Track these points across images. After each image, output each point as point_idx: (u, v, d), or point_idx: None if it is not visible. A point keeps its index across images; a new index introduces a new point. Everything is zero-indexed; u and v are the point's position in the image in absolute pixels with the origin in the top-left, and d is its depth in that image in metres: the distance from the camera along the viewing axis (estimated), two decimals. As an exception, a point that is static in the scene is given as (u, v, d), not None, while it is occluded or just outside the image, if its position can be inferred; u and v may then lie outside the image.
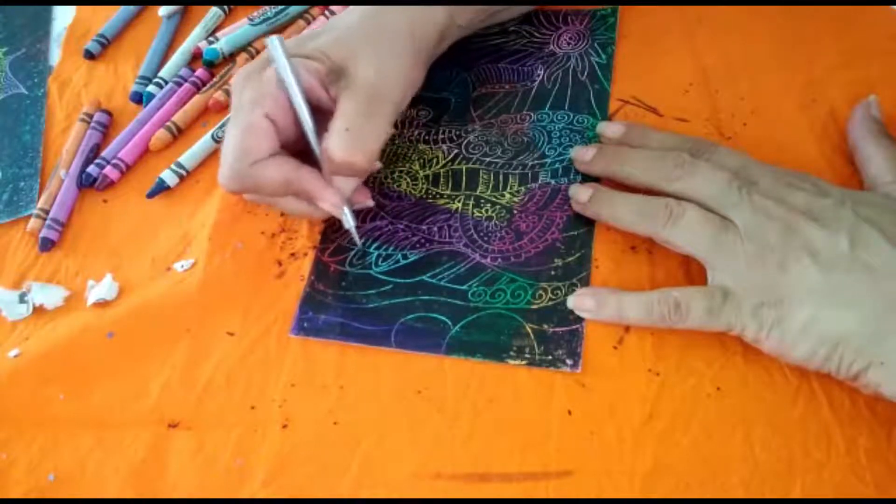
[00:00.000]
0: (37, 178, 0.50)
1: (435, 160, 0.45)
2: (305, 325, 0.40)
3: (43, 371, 0.41)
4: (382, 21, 0.40)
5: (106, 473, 0.38)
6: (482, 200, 0.43)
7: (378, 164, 0.42)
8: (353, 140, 0.37)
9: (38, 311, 0.45)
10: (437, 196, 0.43)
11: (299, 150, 0.39)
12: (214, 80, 0.52)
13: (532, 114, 0.45)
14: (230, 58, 0.53)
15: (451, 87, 0.48)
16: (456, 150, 0.45)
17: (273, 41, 0.37)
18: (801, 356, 0.33)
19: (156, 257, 0.45)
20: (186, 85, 0.52)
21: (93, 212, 0.48)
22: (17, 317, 0.44)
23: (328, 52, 0.39)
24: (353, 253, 0.42)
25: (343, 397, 0.38)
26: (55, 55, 0.57)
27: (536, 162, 0.43)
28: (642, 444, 0.34)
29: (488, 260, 0.40)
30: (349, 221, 0.40)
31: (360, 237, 0.42)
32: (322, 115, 0.38)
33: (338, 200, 0.38)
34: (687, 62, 0.45)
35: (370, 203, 0.42)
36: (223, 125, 0.49)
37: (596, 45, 0.47)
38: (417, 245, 0.42)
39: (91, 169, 0.49)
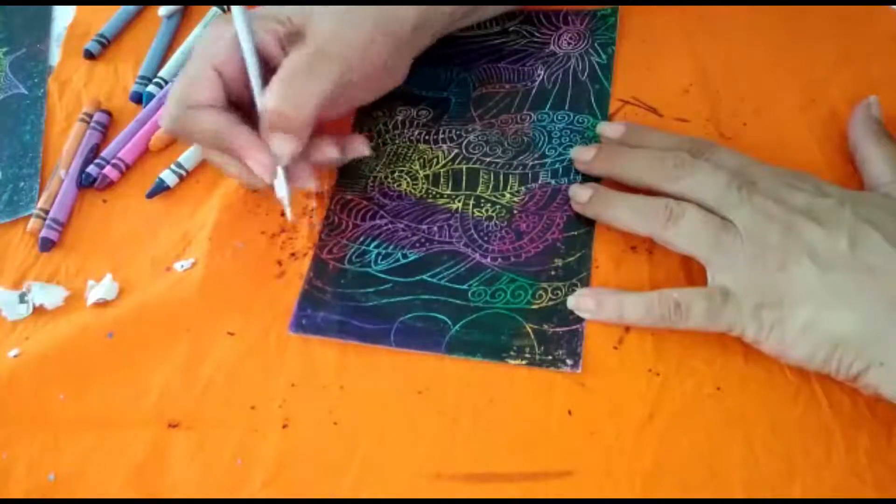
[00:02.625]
0: (37, 178, 0.50)
1: (435, 160, 0.45)
2: (304, 322, 0.40)
3: (43, 371, 0.41)
4: (355, 7, 0.40)
5: (106, 473, 0.38)
6: (482, 200, 0.43)
7: (334, 152, 0.41)
8: (286, 91, 0.37)
9: (38, 311, 0.45)
10: (438, 196, 0.43)
11: (250, 111, 0.39)
12: (214, 79, 0.52)
13: (532, 114, 0.45)
14: (230, 58, 0.53)
15: (452, 87, 0.48)
16: (456, 150, 0.45)
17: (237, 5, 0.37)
18: (801, 357, 0.33)
19: (156, 257, 0.45)
20: (186, 85, 0.52)
21: (93, 212, 0.48)
22: (17, 317, 0.44)
23: (291, 17, 0.39)
24: (351, 250, 0.42)
25: (343, 397, 0.38)
26: (55, 55, 0.57)
27: (537, 162, 0.43)
28: (642, 444, 0.34)
29: (488, 260, 0.40)
30: (281, 189, 0.39)
31: (360, 235, 0.42)
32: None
33: (265, 160, 0.37)
34: (687, 62, 0.45)
35: (311, 184, 0.40)
36: (223, 125, 0.49)
37: (596, 45, 0.47)
38: (417, 244, 0.42)
39: (91, 169, 0.49)
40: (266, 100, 0.37)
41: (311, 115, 0.37)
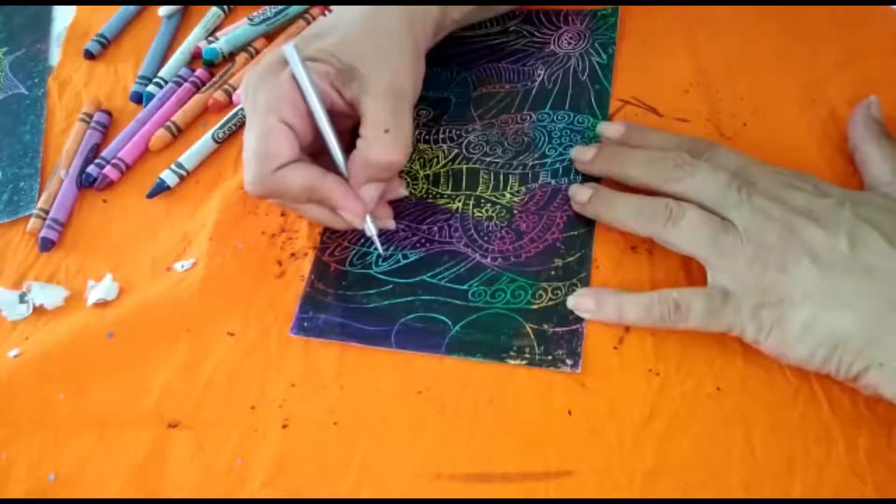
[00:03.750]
0: (37, 178, 0.50)
1: (435, 160, 0.45)
2: (305, 324, 0.40)
3: (43, 371, 0.41)
4: (382, 20, 0.40)
5: (106, 473, 0.38)
6: (482, 200, 0.43)
7: (404, 188, 0.43)
8: (394, 140, 0.38)
9: (38, 311, 0.45)
10: (438, 196, 0.43)
11: (316, 155, 0.39)
12: (214, 79, 0.52)
13: (532, 114, 0.45)
14: (230, 58, 0.53)
15: (452, 87, 0.48)
16: (456, 150, 0.45)
17: (290, 51, 0.37)
18: (801, 357, 0.33)
19: (156, 257, 0.45)
20: (186, 85, 0.52)
21: (93, 212, 0.48)
22: (17, 317, 0.44)
23: (336, 54, 0.39)
24: (353, 253, 0.42)
25: (343, 397, 0.38)
26: (55, 55, 0.57)
27: (537, 162, 0.43)
28: (642, 444, 0.34)
29: (488, 260, 0.40)
30: (371, 230, 0.40)
31: (361, 237, 0.42)
32: (334, 117, 0.39)
33: (361, 210, 0.39)
34: (687, 62, 0.45)
35: (392, 225, 0.42)
36: (223, 125, 0.49)
37: (596, 45, 0.47)
38: (418, 245, 0.42)
39: (91, 169, 0.49)
40: (377, 154, 0.37)
41: (410, 152, 0.39)
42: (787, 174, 0.36)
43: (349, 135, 0.40)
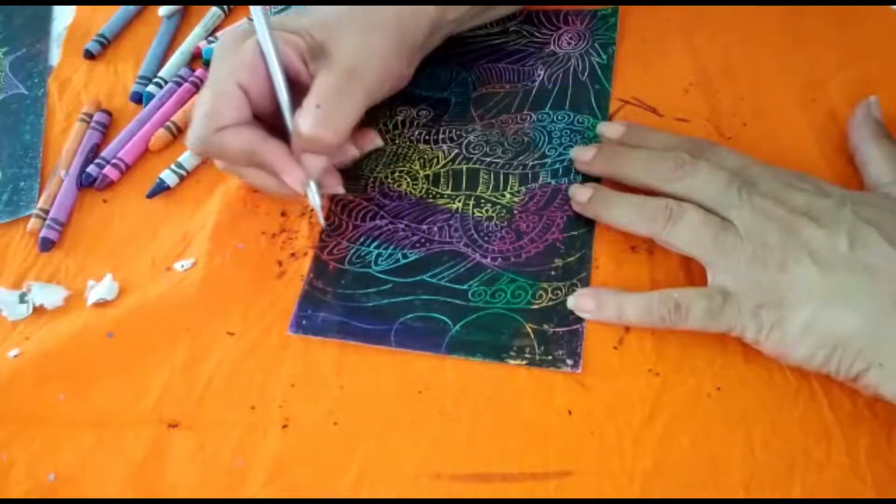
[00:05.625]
0: (37, 178, 0.50)
1: (435, 160, 0.45)
2: (304, 322, 0.40)
3: (43, 371, 0.41)
4: (368, 12, 0.40)
5: (106, 473, 0.38)
6: (482, 200, 0.43)
7: (354, 151, 0.42)
8: (324, 116, 0.37)
9: (38, 311, 0.45)
10: (438, 196, 0.43)
11: (273, 124, 0.39)
12: (214, 79, 0.52)
13: (532, 114, 0.45)
14: (230, 58, 0.53)
15: (452, 87, 0.48)
16: (456, 150, 0.45)
17: (257, 10, 0.37)
18: (801, 357, 0.33)
19: (156, 257, 0.45)
20: (186, 85, 0.52)
21: (93, 212, 0.48)
22: (17, 317, 0.44)
23: (311, 31, 0.39)
24: (352, 252, 0.42)
25: (343, 397, 0.38)
26: (55, 55, 0.57)
27: (537, 162, 0.43)
28: (642, 444, 0.34)
29: (488, 260, 0.40)
30: (315, 199, 0.40)
31: (360, 236, 0.42)
32: (300, 90, 0.39)
33: (301, 175, 0.38)
34: (687, 62, 0.45)
35: (340, 189, 0.42)
36: (223, 125, 0.49)
37: (596, 45, 0.47)
38: (417, 245, 0.42)
39: (91, 169, 0.49)
40: (302, 125, 0.37)
41: (345, 136, 0.38)
42: (788, 174, 0.36)
43: None
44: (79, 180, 0.49)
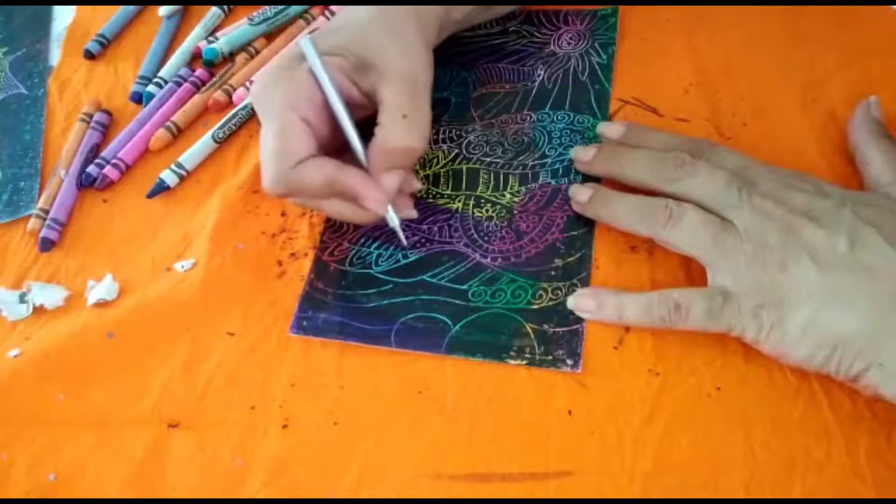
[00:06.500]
0: (37, 178, 0.50)
1: (435, 160, 0.45)
2: (305, 323, 0.40)
3: (43, 371, 0.41)
4: (390, 15, 0.40)
5: (106, 473, 0.38)
6: (482, 200, 0.43)
7: (418, 184, 0.42)
8: (411, 126, 0.38)
9: (38, 311, 0.45)
10: (438, 196, 0.43)
11: (332, 150, 0.39)
12: (214, 79, 0.52)
13: (532, 114, 0.45)
14: (230, 58, 0.53)
15: (452, 87, 0.48)
16: (456, 150, 0.45)
17: (307, 43, 0.37)
18: (801, 358, 0.33)
19: (156, 257, 0.45)
20: (186, 85, 0.52)
21: (93, 212, 0.48)
22: (17, 317, 0.44)
23: (350, 48, 0.39)
24: (353, 252, 0.42)
25: (343, 397, 0.38)
26: (55, 55, 0.57)
27: (537, 162, 0.43)
28: (642, 444, 0.34)
29: (488, 260, 0.40)
30: (394, 220, 0.40)
31: (361, 237, 0.42)
32: (350, 109, 0.39)
33: (383, 197, 0.38)
34: (687, 62, 0.45)
35: (414, 214, 0.42)
36: (223, 125, 0.49)
37: (596, 45, 0.47)
38: (418, 245, 0.42)
39: (91, 169, 0.49)
40: (393, 139, 0.37)
41: (428, 139, 0.39)
42: (788, 174, 0.36)
43: (363, 127, 0.40)
44: (79, 180, 0.49)
